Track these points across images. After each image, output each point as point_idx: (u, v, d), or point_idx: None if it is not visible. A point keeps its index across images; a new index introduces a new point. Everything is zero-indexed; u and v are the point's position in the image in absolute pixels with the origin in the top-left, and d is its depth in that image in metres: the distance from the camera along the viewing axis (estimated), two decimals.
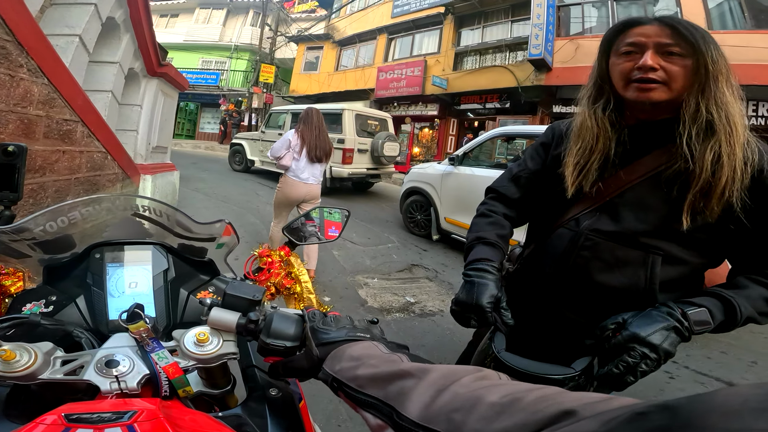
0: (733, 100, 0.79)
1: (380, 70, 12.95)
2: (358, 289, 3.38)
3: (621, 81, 0.84)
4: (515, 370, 0.78)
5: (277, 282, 0.99)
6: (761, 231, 0.79)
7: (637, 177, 0.85)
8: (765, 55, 6.82)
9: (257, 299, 0.58)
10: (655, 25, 0.81)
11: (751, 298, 0.77)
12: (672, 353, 0.74)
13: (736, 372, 2.53)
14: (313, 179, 3.28)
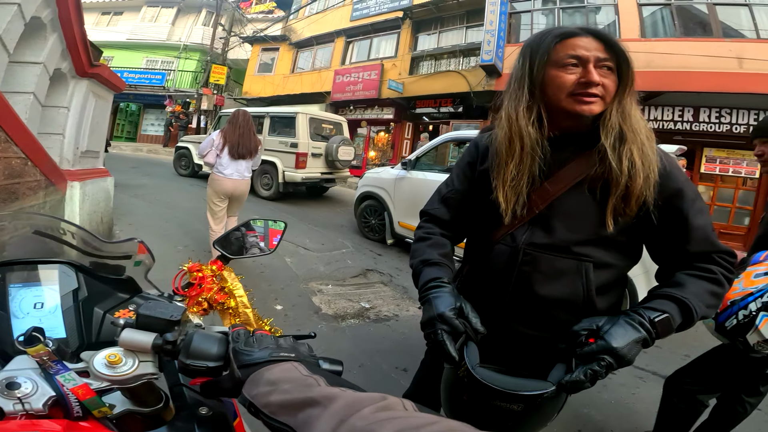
0: (635, 108, 0.87)
1: (337, 73, 12.88)
2: (311, 296, 3.30)
3: (561, 93, 0.85)
4: (490, 388, 0.77)
5: (209, 297, 0.94)
6: (677, 224, 0.85)
7: (562, 187, 0.88)
8: (691, 62, 7.34)
9: (175, 319, 0.56)
10: (590, 39, 0.85)
11: (698, 295, 0.81)
12: (631, 361, 0.76)
13: (671, 365, 2.62)
14: (237, 175, 3.54)
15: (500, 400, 0.76)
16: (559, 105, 0.86)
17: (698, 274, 0.83)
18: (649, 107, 8.04)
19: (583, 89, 0.83)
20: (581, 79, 0.83)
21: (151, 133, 18.39)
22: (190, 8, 18.30)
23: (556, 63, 0.85)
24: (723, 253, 0.85)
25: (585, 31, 0.85)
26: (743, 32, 7.56)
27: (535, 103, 0.89)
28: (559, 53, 0.85)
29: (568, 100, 0.85)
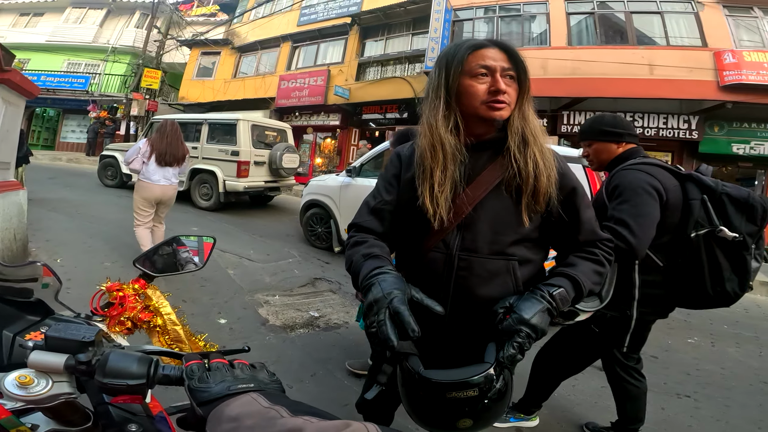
0: (533, 113, 0.97)
1: (282, 79, 12.61)
2: (257, 308, 3.18)
3: (476, 101, 0.92)
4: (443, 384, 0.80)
5: (132, 316, 0.91)
6: (571, 217, 0.97)
7: (483, 191, 0.94)
8: (610, 69, 7.91)
9: (88, 340, 0.57)
10: (497, 50, 0.92)
11: (586, 273, 0.94)
12: (546, 331, 0.85)
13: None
14: (165, 181, 3.73)
15: (455, 391, 0.79)
16: (474, 112, 0.93)
17: (586, 257, 0.97)
18: (573, 112, 8.71)
19: (493, 97, 0.90)
20: (491, 87, 0.91)
21: (72, 140, 16.91)
22: (122, 10, 17.25)
23: (469, 73, 0.92)
24: (604, 240, 1.01)
25: (492, 43, 0.93)
26: (655, 39, 8.34)
27: (451, 112, 0.95)
28: (471, 63, 0.92)
29: (482, 107, 0.92)
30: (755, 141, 7.65)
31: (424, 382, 0.81)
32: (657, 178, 1.51)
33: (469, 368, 0.81)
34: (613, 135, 1.69)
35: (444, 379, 0.80)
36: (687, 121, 7.89)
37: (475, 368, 0.81)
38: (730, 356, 3.14)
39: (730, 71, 7.17)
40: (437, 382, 0.80)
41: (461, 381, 0.79)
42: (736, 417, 2.27)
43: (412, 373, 0.83)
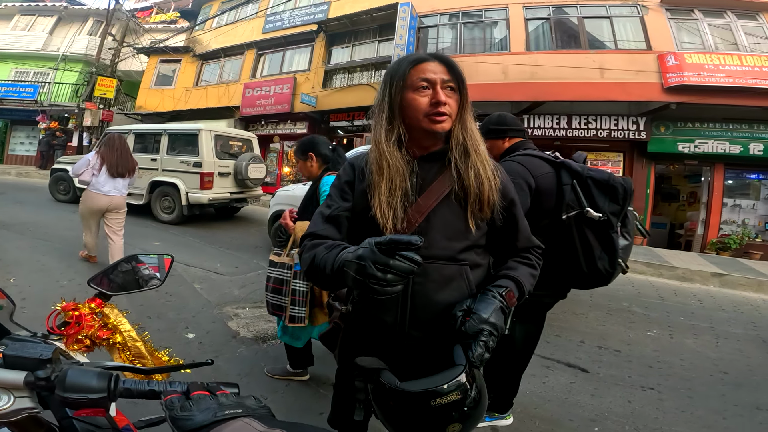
0: (473, 122, 1.01)
1: (247, 87, 12.33)
2: (227, 321, 3.12)
3: (419, 114, 0.96)
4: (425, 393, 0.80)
5: (90, 334, 0.91)
6: (510, 226, 1.05)
7: (434, 201, 0.98)
8: (565, 74, 8.17)
9: (45, 357, 0.60)
10: (437, 63, 0.96)
11: (525, 276, 1.03)
12: (504, 329, 0.90)
13: (570, 353, 3.01)
14: (115, 192, 3.93)
15: (438, 397, 0.80)
16: (418, 125, 0.97)
17: (523, 261, 1.06)
18: (534, 116, 9.01)
19: (434, 109, 0.94)
20: (432, 99, 0.94)
21: (21, 153, 15.92)
22: (74, 17, 16.46)
23: (411, 86, 0.96)
24: (537, 246, 1.10)
25: (432, 56, 0.97)
26: (606, 43, 8.75)
27: (394, 126, 0.98)
28: (413, 77, 0.96)
29: (425, 120, 0.96)
30: (699, 139, 8.11)
31: (404, 395, 0.81)
32: (526, 167, 1.66)
33: (444, 373, 0.83)
34: (498, 132, 1.87)
35: (425, 388, 0.80)
36: (636, 123, 8.31)
37: (450, 372, 0.82)
38: (688, 347, 3.28)
39: (673, 73, 7.57)
40: (418, 392, 0.80)
41: (442, 387, 0.80)
42: (700, 408, 2.36)
43: (389, 388, 0.83)
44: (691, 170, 9.65)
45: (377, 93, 1.04)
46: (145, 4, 22.94)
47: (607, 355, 3.03)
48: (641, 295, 4.81)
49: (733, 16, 8.33)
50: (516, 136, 1.87)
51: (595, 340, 3.29)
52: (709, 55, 7.66)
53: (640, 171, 8.64)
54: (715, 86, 7.36)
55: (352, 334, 1.08)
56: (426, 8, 10.16)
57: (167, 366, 0.92)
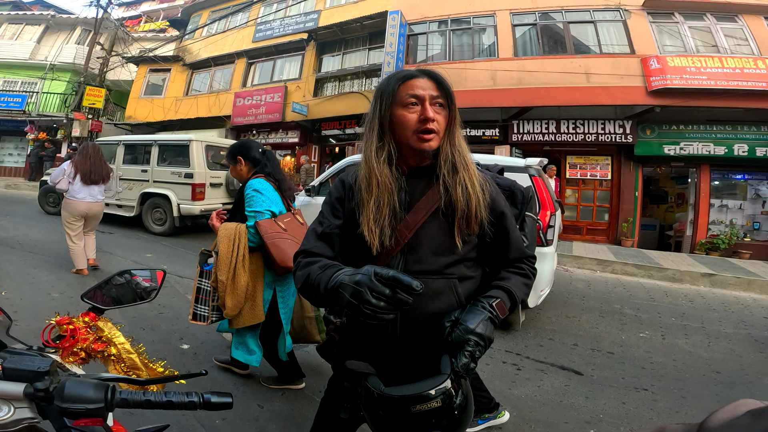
0: (462, 138, 1.02)
1: (238, 96, 12.34)
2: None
3: (408, 131, 0.96)
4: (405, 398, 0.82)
5: (85, 347, 0.93)
6: (502, 238, 1.06)
7: (422, 217, 0.99)
8: (552, 79, 8.25)
9: (43, 370, 0.63)
10: (426, 79, 0.97)
11: (518, 286, 1.04)
12: (492, 338, 0.91)
13: (564, 355, 3.04)
14: (90, 198, 4.19)
15: (418, 404, 0.82)
16: (407, 143, 0.98)
17: (516, 271, 1.07)
18: (523, 121, 9.11)
19: (423, 125, 0.95)
20: (420, 116, 0.95)
21: (9, 164, 15.70)
22: (62, 26, 16.35)
23: (400, 103, 0.97)
24: (530, 257, 1.11)
25: (421, 73, 0.98)
26: (591, 48, 8.87)
27: (385, 143, 0.99)
28: (402, 94, 0.97)
29: (413, 138, 0.97)
30: (684, 142, 8.23)
31: (386, 399, 0.83)
32: None
33: (428, 381, 0.85)
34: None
35: (405, 394, 0.83)
36: (622, 126, 8.43)
37: (433, 380, 0.85)
38: (680, 348, 3.31)
39: (656, 76, 7.70)
40: (399, 397, 0.83)
41: (422, 393, 0.82)
42: (693, 408, 2.38)
43: (373, 392, 0.85)
44: (678, 172, 9.82)
45: (369, 109, 1.04)
46: (134, 12, 22.95)
47: (601, 357, 3.05)
48: (633, 296, 4.86)
49: (713, 18, 8.53)
50: None
51: (588, 342, 3.32)
52: (691, 58, 7.82)
53: (628, 174, 8.77)
54: (697, 88, 7.51)
55: (346, 344, 1.10)
56: (415, 16, 10.28)
57: (162, 377, 0.93)
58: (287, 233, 2.04)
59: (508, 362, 2.89)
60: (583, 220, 9.20)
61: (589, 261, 6.40)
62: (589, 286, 5.24)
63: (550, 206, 3.48)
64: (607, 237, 8.92)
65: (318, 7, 12.37)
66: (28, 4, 18.89)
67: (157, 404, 0.68)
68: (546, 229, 3.41)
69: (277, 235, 1.98)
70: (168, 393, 0.69)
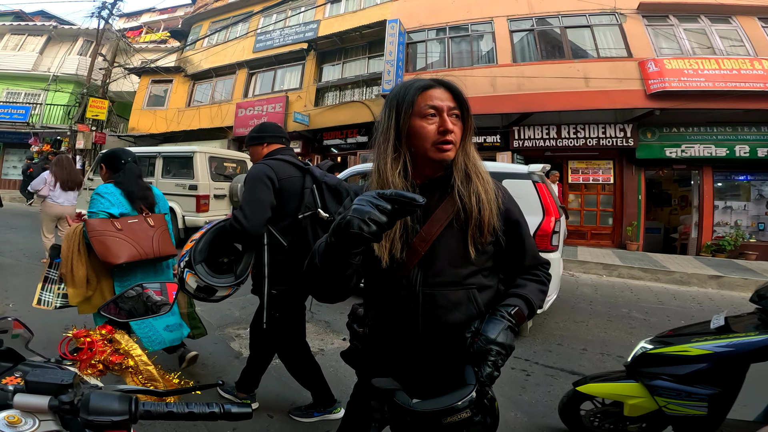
0: (475, 149, 1.03)
1: (239, 107, 12.39)
2: (229, 342, 3.12)
3: (427, 142, 0.95)
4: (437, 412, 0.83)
5: (103, 359, 0.96)
6: (517, 246, 1.06)
7: (437, 229, 0.98)
8: (551, 84, 8.26)
9: (66, 383, 0.63)
10: (442, 89, 0.96)
11: (534, 293, 1.04)
12: (513, 346, 0.92)
13: (573, 361, 3.03)
14: (67, 202, 4.93)
15: (449, 416, 0.83)
16: (425, 154, 0.97)
17: (531, 278, 1.07)
18: (524, 127, 9.12)
19: (442, 137, 0.94)
20: (440, 127, 0.94)
21: (14, 177, 15.72)
22: (64, 36, 16.48)
23: (418, 113, 0.95)
24: (544, 263, 1.12)
25: (438, 83, 0.97)
26: (588, 52, 8.91)
27: (400, 154, 0.97)
28: (420, 104, 0.95)
29: (432, 150, 0.96)
30: (685, 144, 8.23)
31: (417, 414, 0.84)
32: (273, 169, 1.84)
33: (455, 393, 0.86)
34: (256, 139, 2.07)
35: (436, 408, 0.83)
36: (623, 130, 8.43)
37: (461, 392, 0.85)
38: None
39: (654, 79, 7.72)
40: (430, 411, 0.83)
41: (452, 406, 0.83)
42: None
43: (403, 408, 0.86)
44: (681, 174, 9.80)
45: (380, 118, 1.02)
46: (135, 23, 23.23)
47: (611, 361, 3.03)
48: (640, 300, 4.83)
49: (707, 20, 8.57)
50: (274, 142, 2.05)
51: (597, 347, 3.30)
52: (688, 60, 7.85)
53: (630, 177, 8.75)
54: (696, 91, 7.53)
55: (369, 354, 1.11)
56: (413, 24, 10.36)
57: (179, 388, 0.93)
58: (122, 233, 2.13)
59: (517, 368, 2.87)
60: (587, 224, 9.16)
61: (595, 266, 6.38)
62: (596, 291, 5.22)
63: (555, 212, 3.47)
64: (612, 241, 8.88)
65: (317, 17, 12.50)
66: (29, 14, 19.03)
67: (179, 416, 0.69)
68: (551, 235, 3.39)
69: (106, 233, 2.07)
70: (189, 404, 0.70)
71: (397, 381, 0.92)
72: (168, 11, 23.62)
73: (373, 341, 1.09)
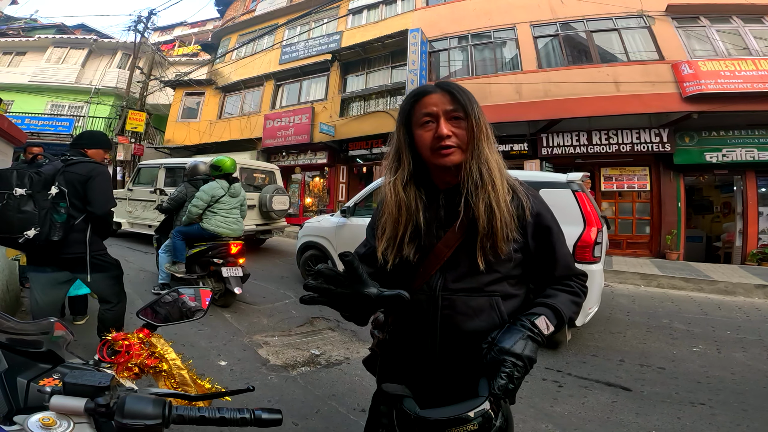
0: (491, 154, 0.95)
1: (267, 118, 12.69)
2: (257, 349, 3.15)
3: (426, 150, 0.94)
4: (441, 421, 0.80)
5: (139, 362, 0.96)
6: (548, 255, 1.00)
7: (461, 234, 0.95)
8: (579, 89, 8.07)
9: (104, 385, 0.64)
10: (438, 93, 0.94)
11: (565, 303, 0.97)
12: (533, 358, 0.84)
13: (609, 372, 2.90)
14: None
15: (453, 426, 0.79)
16: (429, 161, 0.96)
17: (564, 289, 1.01)
18: (552, 134, 8.89)
19: (438, 143, 0.92)
20: (435, 134, 0.92)
21: None
22: (104, 50, 17.23)
23: (417, 123, 0.96)
24: (579, 274, 1.05)
25: (435, 87, 0.95)
26: (617, 56, 8.64)
27: (402, 162, 0.98)
28: (417, 113, 0.95)
29: (433, 156, 0.94)
30: (726, 148, 7.81)
31: (422, 421, 0.81)
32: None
33: (465, 403, 0.82)
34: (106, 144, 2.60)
35: (441, 417, 0.80)
36: (658, 135, 8.09)
37: (470, 403, 0.82)
38: (738, 361, 3.14)
39: (690, 82, 7.41)
40: (435, 420, 0.80)
41: (458, 416, 0.79)
42: (755, 420, 2.27)
43: (408, 415, 0.84)
44: (722, 180, 9.27)
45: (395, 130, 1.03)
46: (168, 37, 24.44)
47: (651, 373, 2.89)
48: (682, 311, 4.59)
49: (740, 20, 8.21)
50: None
51: (635, 358, 3.15)
52: (724, 62, 7.52)
53: (668, 184, 8.35)
54: (734, 93, 7.18)
55: (387, 360, 1.09)
56: (435, 32, 10.37)
57: (210, 393, 0.94)
58: None
59: (548, 379, 2.77)
60: (622, 233, 8.78)
61: (632, 275, 6.11)
62: (634, 301, 4.98)
63: (597, 222, 3.29)
64: (650, 250, 8.48)
65: (339, 28, 12.74)
66: (70, 27, 19.93)
67: (211, 420, 0.69)
68: (593, 246, 3.23)
69: None
70: (221, 409, 0.70)
71: (412, 389, 0.89)
72: (198, 25, 24.79)
73: (391, 347, 1.07)
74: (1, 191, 2.17)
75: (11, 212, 2.13)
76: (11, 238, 2.16)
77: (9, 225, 2.14)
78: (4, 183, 2.16)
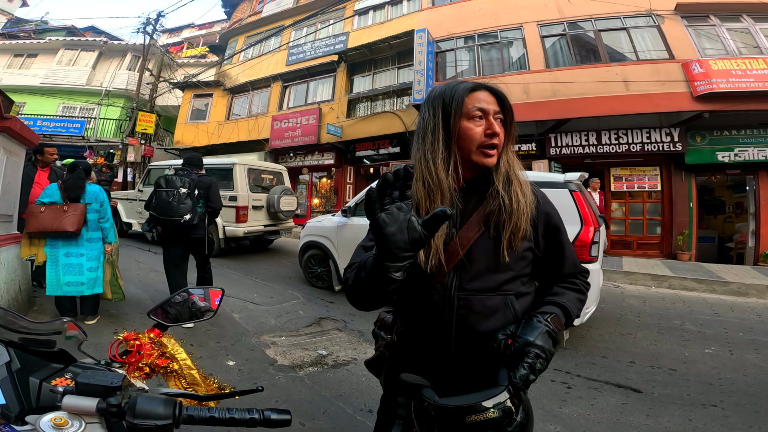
0: (514, 155, 1.01)
1: (275, 119, 12.77)
2: (265, 349, 3.16)
3: (473, 145, 0.94)
4: (461, 408, 0.80)
5: (150, 362, 0.96)
6: (556, 253, 1.03)
7: (475, 233, 0.95)
8: (588, 89, 7.97)
9: (116, 385, 0.63)
10: (488, 93, 0.95)
11: (572, 301, 1.00)
12: (553, 352, 0.87)
13: (619, 373, 2.87)
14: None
15: (474, 414, 0.79)
16: (468, 157, 0.95)
17: (570, 287, 1.03)
18: (560, 134, 8.80)
19: (488, 140, 0.93)
20: (486, 130, 0.93)
21: None
22: (114, 52, 17.39)
23: (467, 115, 0.94)
24: (583, 272, 1.08)
25: (483, 86, 0.96)
26: (626, 55, 8.52)
27: (451, 155, 0.95)
28: (468, 106, 0.94)
29: (477, 153, 0.94)
30: (738, 147, 7.68)
31: (440, 410, 0.81)
32: None
33: (484, 392, 0.82)
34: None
35: (461, 404, 0.80)
36: (669, 134, 7.98)
37: (490, 391, 0.82)
38: (750, 363, 3.10)
39: (701, 81, 7.29)
40: (454, 407, 0.80)
41: (478, 404, 0.79)
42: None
43: (427, 404, 0.83)
44: (735, 180, 9.10)
45: (424, 117, 0.99)
46: (176, 39, 24.68)
47: (662, 375, 2.86)
48: (694, 312, 4.52)
49: (750, 19, 8.06)
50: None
51: (646, 360, 3.12)
52: (735, 61, 7.39)
53: (679, 184, 8.23)
54: (746, 91, 7.05)
55: (397, 361, 1.07)
56: (441, 33, 10.32)
57: (219, 393, 0.95)
58: (42, 214, 3.14)
59: (557, 381, 2.75)
60: (632, 234, 8.66)
61: (642, 276, 6.03)
62: (644, 303, 4.92)
63: (594, 222, 3.34)
64: (661, 251, 8.36)
65: (346, 29, 12.76)
66: (80, 30, 20.09)
67: (221, 421, 0.69)
68: (590, 246, 3.26)
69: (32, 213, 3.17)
70: (231, 410, 0.70)
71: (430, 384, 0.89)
72: (206, 26, 25.01)
73: (401, 349, 1.06)
74: (171, 189, 3.46)
75: (177, 203, 3.44)
76: (175, 220, 3.44)
77: (177, 212, 3.43)
78: (173, 184, 3.49)
